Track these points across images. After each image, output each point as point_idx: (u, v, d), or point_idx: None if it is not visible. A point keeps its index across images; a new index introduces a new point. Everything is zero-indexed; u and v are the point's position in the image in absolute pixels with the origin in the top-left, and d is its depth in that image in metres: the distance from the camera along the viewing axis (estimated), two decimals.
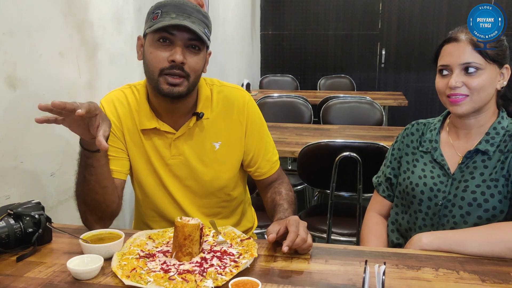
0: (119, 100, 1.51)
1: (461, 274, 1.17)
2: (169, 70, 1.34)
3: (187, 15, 1.33)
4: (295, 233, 1.22)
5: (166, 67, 1.34)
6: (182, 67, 1.34)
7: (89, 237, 1.28)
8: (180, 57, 1.32)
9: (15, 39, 1.66)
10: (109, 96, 1.54)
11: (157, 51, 1.35)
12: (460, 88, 1.38)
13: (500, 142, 1.42)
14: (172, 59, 1.33)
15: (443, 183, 1.45)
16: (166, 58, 1.34)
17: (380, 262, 1.09)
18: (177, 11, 1.33)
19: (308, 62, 6.64)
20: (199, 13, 1.36)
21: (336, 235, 2.38)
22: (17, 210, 1.29)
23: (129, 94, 1.52)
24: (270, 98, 3.98)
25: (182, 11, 1.33)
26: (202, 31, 1.34)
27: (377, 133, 3.11)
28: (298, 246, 1.23)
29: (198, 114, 1.47)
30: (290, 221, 1.26)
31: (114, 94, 1.54)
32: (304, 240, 1.23)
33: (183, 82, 1.36)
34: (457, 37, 1.41)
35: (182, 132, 1.48)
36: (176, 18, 1.32)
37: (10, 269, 1.20)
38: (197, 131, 1.49)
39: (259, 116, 1.59)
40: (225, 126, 1.52)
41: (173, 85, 1.35)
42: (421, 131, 1.57)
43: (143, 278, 1.11)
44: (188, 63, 1.35)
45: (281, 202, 1.50)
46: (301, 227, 1.26)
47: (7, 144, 1.64)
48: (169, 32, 1.33)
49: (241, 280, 1.09)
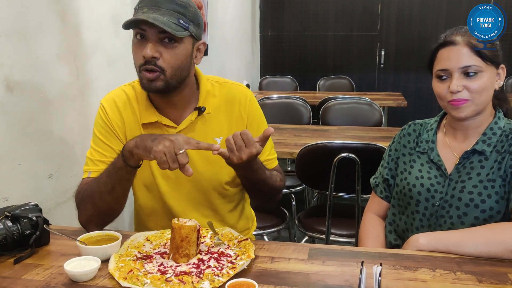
0: (120, 98, 1.51)
1: (458, 274, 1.17)
2: (144, 66, 1.35)
3: (157, 7, 1.32)
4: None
5: (142, 63, 1.35)
6: (155, 63, 1.34)
7: (87, 239, 1.28)
8: (149, 53, 1.32)
9: (12, 41, 1.66)
10: (110, 95, 1.53)
11: (135, 48, 1.37)
12: (461, 93, 1.37)
13: (497, 143, 1.42)
14: (143, 55, 1.33)
15: (440, 183, 1.45)
16: (141, 54, 1.34)
17: (377, 263, 1.09)
18: (149, 4, 1.33)
19: (307, 63, 6.64)
20: (171, 3, 1.33)
21: (335, 236, 2.38)
22: (14, 212, 1.29)
23: (129, 91, 1.52)
24: (269, 99, 3.98)
25: (153, 4, 1.33)
26: (174, 22, 1.31)
27: (376, 134, 3.11)
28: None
29: (200, 108, 1.48)
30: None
31: (114, 93, 1.54)
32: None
33: (158, 76, 1.35)
34: (453, 40, 1.39)
35: (184, 126, 1.48)
36: (146, 13, 1.31)
37: (7, 271, 1.20)
38: (199, 125, 1.50)
39: (260, 113, 1.59)
40: (227, 121, 1.52)
41: (150, 80, 1.35)
42: (418, 132, 1.57)
43: (140, 280, 1.11)
44: (162, 57, 1.34)
45: None
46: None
47: (4, 146, 1.64)
48: (140, 28, 1.34)
49: (238, 281, 1.09)
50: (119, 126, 1.49)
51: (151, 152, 1.21)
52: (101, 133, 1.49)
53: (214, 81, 1.55)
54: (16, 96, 1.68)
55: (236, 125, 1.53)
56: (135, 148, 1.26)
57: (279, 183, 1.56)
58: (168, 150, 1.20)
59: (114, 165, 1.35)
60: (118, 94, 1.53)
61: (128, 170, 1.32)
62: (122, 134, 1.49)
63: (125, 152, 1.29)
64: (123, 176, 1.33)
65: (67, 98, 2.01)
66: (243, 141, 1.27)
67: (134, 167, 1.32)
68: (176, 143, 1.21)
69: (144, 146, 1.24)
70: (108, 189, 1.36)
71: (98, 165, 1.46)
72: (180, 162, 1.21)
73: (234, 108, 1.53)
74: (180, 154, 1.21)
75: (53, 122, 1.92)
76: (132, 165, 1.31)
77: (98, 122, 1.51)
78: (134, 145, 1.27)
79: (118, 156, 1.33)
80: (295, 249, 1.32)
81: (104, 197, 1.37)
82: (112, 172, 1.35)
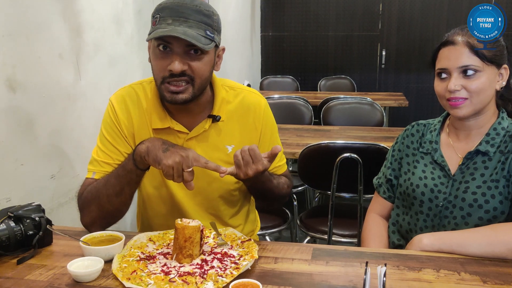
0: (131, 97, 1.48)
1: (462, 275, 1.17)
2: (170, 79, 1.32)
3: (184, 19, 1.29)
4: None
5: (166, 75, 1.32)
6: (184, 73, 1.31)
7: (90, 239, 1.28)
8: (178, 67, 1.29)
9: (14, 41, 1.66)
10: (120, 93, 1.50)
11: (157, 59, 1.33)
12: (459, 92, 1.38)
13: (501, 143, 1.41)
14: (170, 69, 1.30)
15: (443, 184, 1.45)
16: (166, 66, 1.31)
17: (381, 263, 1.09)
18: (173, 15, 1.29)
19: (308, 63, 6.63)
20: (198, 14, 1.30)
21: (337, 236, 2.37)
22: (17, 212, 1.29)
23: (140, 92, 1.49)
24: (270, 99, 3.97)
25: (179, 15, 1.29)
26: (202, 35, 1.29)
27: (378, 134, 3.10)
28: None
29: (215, 117, 1.45)
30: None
31: (125, 91, 1.50)
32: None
33: (187, 88, 1.33)
34: (454, 40, 1.40)
35: (196, 133, 1.45)
36: (172, 24, 1.28)
37: (10, 271, 1.20)
38: (212, 133, 1.47)
39: (273, 122, 1.58)
40: (240, 130, 1.50)
41: (175, 93, 1.33)
42: (421, 132, 1.57)
43: (143, 280, 1.11)
44: (190, 67, 1.32)
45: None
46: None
47: (7, 147, 1.64)
48: (166, 41, 1.30)
49: (241, 282, 1.09)
50: (127, 126, 1.47)
51: (160, 164, 1.23)
52: (108, 133, 1.46)
53: (228, 87, 1.52)
54: (18, 96, 1.68)
55: (249, 134, 1.51)
56: (146, 155, 1.27)
57: (286, 190, 1.55)
58: (177, 166, 1.22)
59: (124, 167, 1.34)
60: (129, 92, 1.49)
61: (138, 173, 1.32)
62: (130, 136, 1.47)
63: (136, 156, 1.29)
64: (132, 178, 1.33)
65: (69, 98, 2.01)
66: (251, 157, 1.26)
67: (144, 170, 1.33)
68: (186, 160, 1.23)
69: (154, 156, 1.25)
70: (117, 192, 1.35)
71: (103, 166, 1.44)
72: (185, 179, 1.24)
73: (248, 116, 1.51)
74: (186, 172, 1.23)
75: (55, 122, 1.92)
76: (142, 168, 1.32)
77: (107, 120, 1.48)
78: (145, 152, 1.27)
79: (129, 159, 1.33)
80: (298, 249, 1.32)
81: (111, 199, 1.36)
82: (122, 174, 1.34)
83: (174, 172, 1.23)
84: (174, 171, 1.22)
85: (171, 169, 1.22)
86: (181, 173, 1.23)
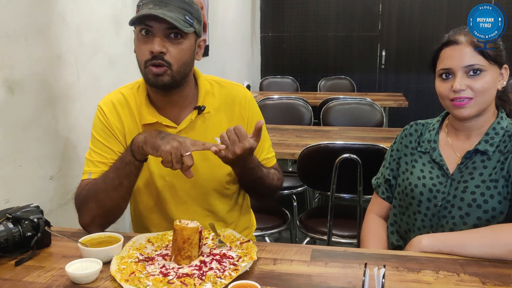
0: (119, 101, 1.51)
1: (461, 276, 1.17)
2: (151, 61, 1.35)
3: (164, 4, 1.33)
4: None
5: (148, 58, 1.36)
6: (162, 57, 1.35)
7: (88, 240, 1.28)
8: (158, 48, 1.33)
9: (13, 42, 1.66)
10: (108, 98, 1.54)
11: (140, 44, 1.38)
12: (464, 91, 1.37)
13: (500, 143, 1.41)
14: (150, 50, 1.34)
15: (442, 183, 1.45)
16: (148, 49, 1.35)
17: (380, 265, 1.08)
18: (155, 1, 1.34)
19: (308, 64, 6.63)
20: (178, 1, 1.35)
21: (337, 237, 2.37)
22: (16, 214, 1.28)
23: (127, 94, 1.52)
24: (270, 100, 3.97)
25: (160, 0, 1.34)
26: (181, 19, 1.33)
27: (378, 135, 3.10)
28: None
29: (200, 107, 1.48)
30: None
31: (112, 95, 1.54)
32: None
33: (165, 71, 1.36)
34: (457, 40, 1.39)
35: (184, 125, 1.48)
36: (152, 9, 1.32)
37: (8, 273, 1.20)
38: (199, 124, 1.50)
39: (260, 113, 1.61)
40: (227, 121, 1.53)
41: (157, 75, 1.36)
42: (420, 132, 1.57)
43: (142, 282, 1.11)
44: (169, 52, 1.36)
45: None
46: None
47: (5, 148, 1.64)
48: (147, 24, 1.34)
49: (240, 283, 1.08)
50: (118, 128, 1.49)
51: (159, 150, 1.26)
52: (100, 136, 1.49)
53: (212, 81, 1.56)
54: (17, 97, 1.68)
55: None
56: (144, 144, 1.30)
57: (276, 182, 1.57)
58: (175, 151, 1.25)
59: (122, 160, 1.36)
60: (116, 97, 1.53)
61: (136, 165, 1.35)
62: (122, 136, 1.50)
63: (134, 147, 1.32)
64: (131, 171, 1.36)
65: (68, 98, 2.00)
66: (237, 136, 1.30)
67: (142, 161, 1.36)
68: (184, 145, 1.26)
69: (152, 143, 1.28)
70: (115, 185, 1.36)
71: (98, 166, 1.46)
72: (185, 163, 1.26)
73: (234, 109, 1.54)
74: (186, 156, 1.26)
75: (54, 123, 1.92)
76: (140, 159, 1.34)
77: (97, 124, 1.51)
78: (143, 141, 1.30)
79: (127, 152, 1.36)
80: (297, 250, 1.32)
81: (111, 194, 1.37)
82: (120, 167, 1.36)
83: (173, 158, 1.25)
84: (172, 157, 1.25)
85: (169, 155, 1.25)
86: (179, 158, 1.26)
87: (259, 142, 1.34)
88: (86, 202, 1.40)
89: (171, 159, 1.25)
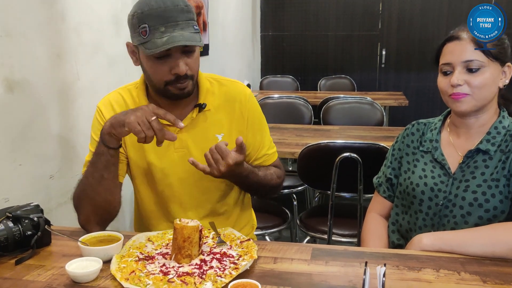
0: (117, 102, 1.51)
1: (462, 275, 1.16)
2: (176, 82, 1.37)
3: (174, 23, 1.30)
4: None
5: (171, 79, 1.36)
6: (185, 74, 1.36)
7: (88, 239, 1.28)
8: (184, 69, 1.35)
9: (12, 41, 1.66)
10: (107, 99, 1.53)
11: (156, 65, 1.36)
12: (461, 87, 1.38)
13: (501, 142, 1.41)
14: (175, 73, 1.35)
15: (443, 183, 1.44)
16: (168, 71, 1.35)
17: (380, 263, 1.08)
18: (163, 22, 1.30)
19: (308, 63, 6.63)
20: (183, 13, 1.32)
21: (337, 236, 2.37)
22: (16, 212, 1.28)
23: (125, 95, 1.52)
24: (270, 99, 3.97)
25: (169, 21, 1.30)
26: (193, 32, 1.32)
27: (378, 134, 3.10)
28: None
29: (201, 105, 1.49)
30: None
31: (111, 96, 1.54)
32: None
33: (188, 83, 1.39)
34: (459, 36, 1.40)
35: (185, 123, 1.47)
36: (166, 32, 1.29)
37: (8, 272, 1.19)
38: (200, 121, 1.50)
39: (260, 110, 1.61)
40: (227, 119, 1.53)
41: (181, 89, 1.39)
42: (422, 131, 1.56)
43: (142, 280, 1.11)
44: (189, 66, 1.37)
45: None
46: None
47: (5, 147, 1.64)
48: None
49: (240, 282, 1.08)
50: None
51: (125, 124, 1.27)
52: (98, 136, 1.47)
53: (212, 79, 1.56)
54: (16, 96, 1.68)
55: (237, 123, 1.54)
56: (111, 128, 1.30)
57: (275, 181, 1.57)
58: (141, 119, 1.25)
59: (96, 153, 1.37)
60: (115, 97, 1.53)
61: (111, 153, 1.35)
62: None
63: (104, 136, 1.33)
64: (108, 160, 1.35)
65: (68, 98, 2.00)
66: (219, 154, 1.31)
67: (116, 148, 1.35)
68: (147, 111, 1.27)
69: (117, 121, 1.29)
70: (97, 179, 1.37)
71: None
72: (154, 127, 1.26)
73: (234, 106, 1.54)
74: (153, 121, 1.26)
75: (54, 123, 1.92)
76: (113, 147, 1.34)
77: (96, 126, 1.51)
78: (109, 126, 1.31)
79: (99, 143, 1.35)
80: (298, 249, 1.31)
81: (96, 189, 1.37)
82: (96, 160, 1.36)
83: (142, 126, 1.25)
84: (141, 125, 1.25)
85: (137, 125, 1.25)
86: (148, 124, 1.26)
87: (244, 155, 1.35)
88: (79, 201, 1.42)
89: (140, 128, 1.25)
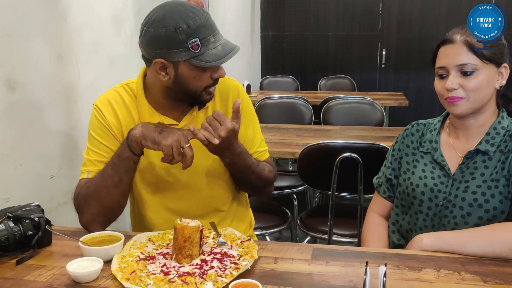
0: (115, 99, 1.51)
1: (462, 275, 1.17)
2: (212, 85, 1.42)
3: (216, 31, 1.36)
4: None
5: (210, 83, 1.41)
6: None
7: (89, 239, 1.28)
8: (224, 72, 1.40)
9: (14, 41, 1.66)
10: (104, 97, 1.52)
11: (201, 74, 1.38)
12: (456, 91, 1.38)
13: (501, 142, 1.41)
14: (217, 77, 1.40)
15: (443, 183, 1.45)
16: (209, 76, 1.39)
17: (381, 263, 1.08)
18: (210, 32, 1.34)
19: (308, 63, 6.63)
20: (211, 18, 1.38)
21: (338, 236, 2.37)
22: (16, 213, 1.29)
23: (123, 93, 1.52)
24: (270, 99, 3.97)
25: (213, 29, 1.35)
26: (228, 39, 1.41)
27: (378, 134, 3.10)
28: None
29: None
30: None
31: (109, 94, 1.53)
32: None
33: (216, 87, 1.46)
34: (452, 39, 1.40)
35: (186, 121, 1.48)
36: (216, 42, 1.34)
37: (9, 272, 1.20)
38: (200, 119, 1.50)
39: (252, 107, 1.63)
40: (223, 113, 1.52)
41: (211, 94, 1.44)
42: (421, 132, 1.57)
43: (143, 280, 1.11)
44: None
45: None
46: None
47: (6, 147, 1.64)
48: None
49: (241, 282, 1.08)
50: (116, 125, 1.48)
51: (160, 145, 1.29)
52: (97, 134, 1.48)
53: None
54: (17, 96, 1.68)
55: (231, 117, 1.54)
56: (143, 139, 1.31)
57: (267, 173, 1.57)
58: (176, 144, 1.28)
59: (119, 156, 1.36)
60: (112, 95, 1.52)
61: (135, 160, 1.36)
62: (119, 134, 1.48)
63: (132, 142, 1.33)
64: (130, 166, 1.37)
65: (69, 98, 2.01)
66: (217, 120, 1.33)
67: (140, 155, 1.37)
68: (182, 137, 1.30)
69: (152, 138, 1.30)
70: (115, 182, 1.37)
71: (96, 165, 1.44)
72: (186, 155, 1.30)
73: (228, 100, 1.56)
74: (187, 148, 1.30)
75: (55, 123, 1.92)
76: (138, 154, 1.36)
77: (94, 123, 1.50)
78: (141, 136, 1.32)
79: (123, 147, 1.36)
80: (298, 249, 1.32)
81: (111, 190, 1.37)
82: (118, 163, 1.36)
83: (174, 151, 1.28)
84: (174, 150, 1.28)
85: (170, 149, 1.28)
86: (180, 150, 1.29)
87: (240, 123, 1.38)
88: (86, 201, 1.40)
89: (172, 153, 1.28)
